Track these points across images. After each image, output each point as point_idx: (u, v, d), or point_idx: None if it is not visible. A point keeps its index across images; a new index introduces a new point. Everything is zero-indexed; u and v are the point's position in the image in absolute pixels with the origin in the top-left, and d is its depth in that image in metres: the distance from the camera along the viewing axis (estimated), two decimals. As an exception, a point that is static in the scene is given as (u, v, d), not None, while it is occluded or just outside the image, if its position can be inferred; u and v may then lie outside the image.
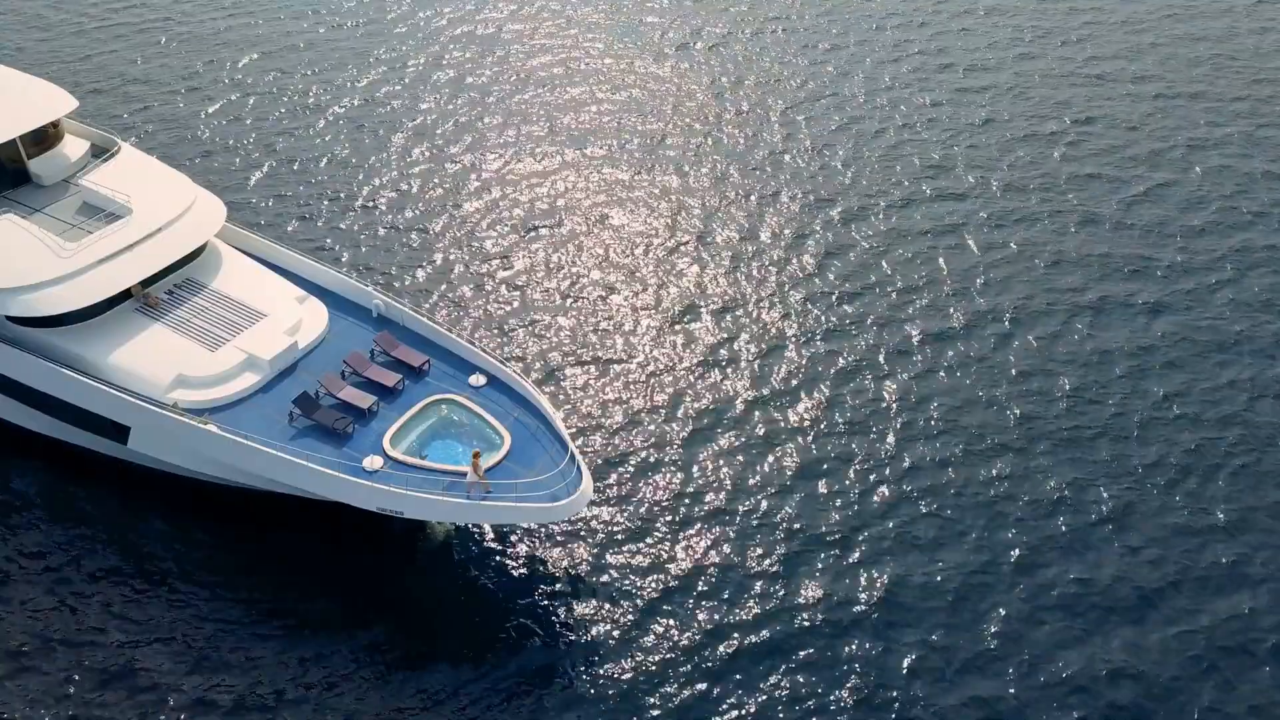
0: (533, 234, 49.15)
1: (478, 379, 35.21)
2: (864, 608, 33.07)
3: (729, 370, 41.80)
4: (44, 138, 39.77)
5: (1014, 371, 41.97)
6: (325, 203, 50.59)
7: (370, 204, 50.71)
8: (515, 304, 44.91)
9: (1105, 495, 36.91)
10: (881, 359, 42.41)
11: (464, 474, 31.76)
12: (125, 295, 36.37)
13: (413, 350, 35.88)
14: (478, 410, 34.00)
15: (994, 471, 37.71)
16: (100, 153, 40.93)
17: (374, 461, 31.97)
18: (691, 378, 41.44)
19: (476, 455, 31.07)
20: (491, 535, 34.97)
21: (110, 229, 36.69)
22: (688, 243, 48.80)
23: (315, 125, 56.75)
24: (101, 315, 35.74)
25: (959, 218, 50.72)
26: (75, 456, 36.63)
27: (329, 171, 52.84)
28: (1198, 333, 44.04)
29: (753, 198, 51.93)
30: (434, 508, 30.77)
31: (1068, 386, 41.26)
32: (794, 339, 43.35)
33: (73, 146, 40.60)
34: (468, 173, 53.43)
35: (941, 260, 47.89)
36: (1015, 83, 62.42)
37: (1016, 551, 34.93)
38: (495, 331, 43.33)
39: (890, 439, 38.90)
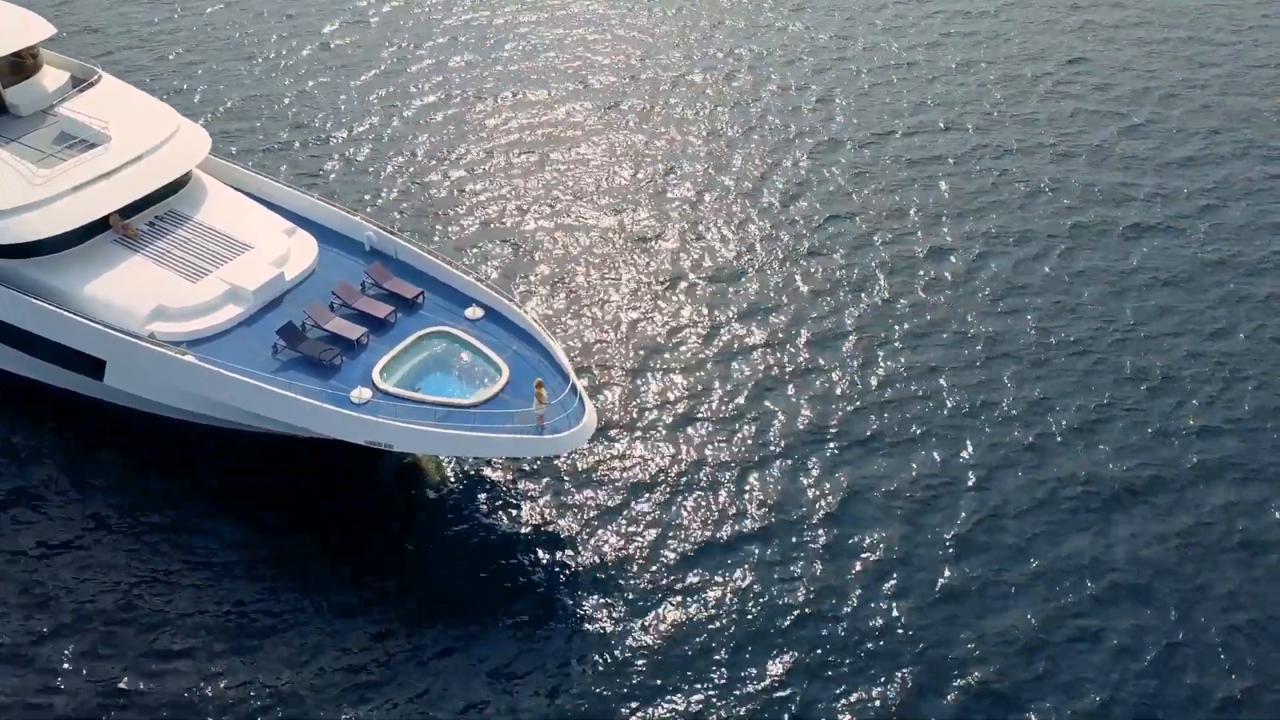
0: (529, 167, 47.55)
1: (474, 311, 33.17)
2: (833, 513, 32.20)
3: (729, 302, 40.45)
4: (21, 67, 37.84)
5: (987, 290, 41.26)
6: (316, 138, 48.60)
7: (362, 138, 48.81)
8: (513, 236, 43.19)
9: (1076, 405, 36.26)
10: (859, 282, 41.73)
11: (458, 406, 29.72)
12: (103, 227, 34.36)
13: (405, 282, 33.83)
14: (474, 342, 31.96)
15: (966, 382, 37.12)
16: (79, 83, 38.87)
17: (362, 394, 29.94)
18: (689, 306, 40.12)
19: (539, 385, 29.10)
20: (491, 473, 32.96)
21: (86, 156, 34.74)
22: (677, 175, 47.51)
23: (304, 60, 54.75)
24: (77, 246, 33.75)
25: (936, 151, 49.53)
26: (53, 402, 34.66)
27: (320, 106, 50.78)
28: (1175, 260, 43.12)
29: (735, 133, 50.63)
30: (426, 440, 28.77)
31: (1042, 305, 40.66)
32: (782, 263, 42.62)
33: (51, 77, 38.65)
34: (461, 107, 51.56)
35: (916, 191, 46.81)
36: (998, 29, 60.50)
37: (986, 455, 34.40)
38: (493, 263, 41.58)
39: (878, 354, 38.36)
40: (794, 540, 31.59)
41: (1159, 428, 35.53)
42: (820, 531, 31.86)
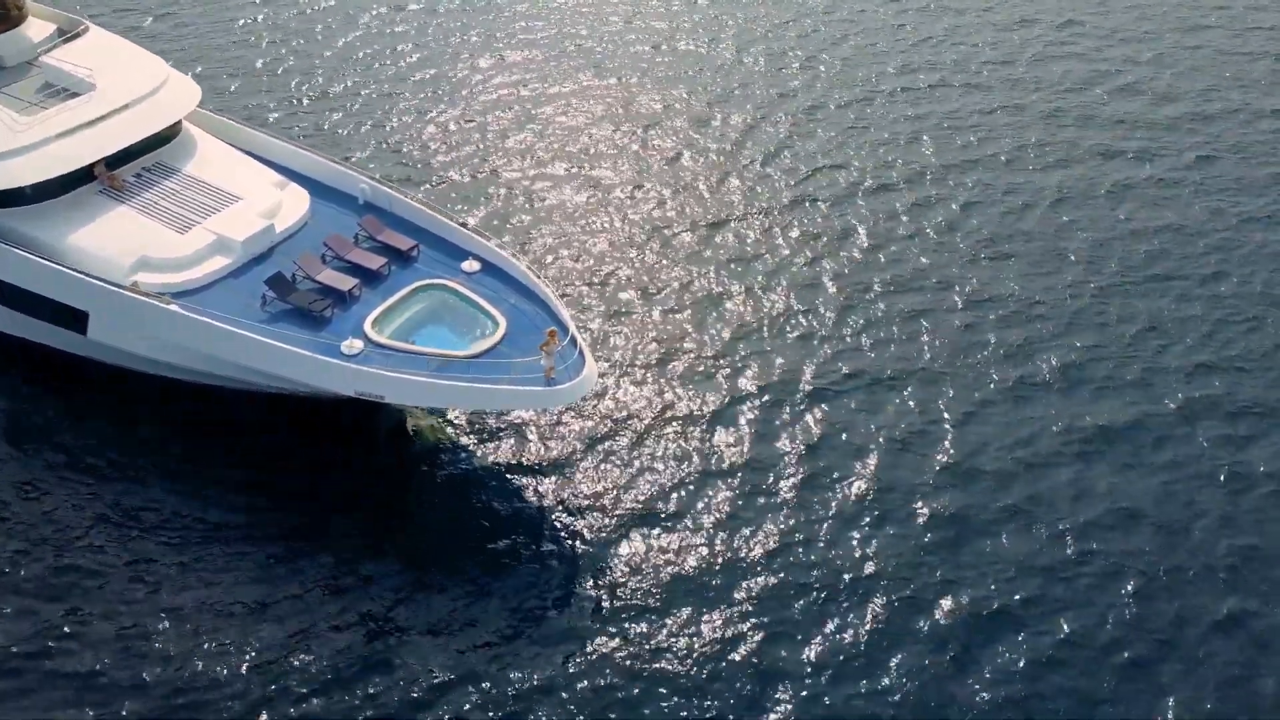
0: (520, 122, 46.70)
1: (471, 264, 32.05)
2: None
3: (715, 252, 40.05)
4: (5, 16, 36.64)
5: (972, 240, 41.16)
6: (308, 92, 47.44)
7: (355, 92, 47.76)
8: (505, 190, 42.31)
9: (1060, 347, 36.16)
10: (843, 233, 41.17)
11: (454, 358, 28.59)
12: (88, 177, 33.21)
13: (400, 234, 32.70)
14: (471, 295, 30.83)
15: (948, 327, 36.93)
16: (66, 34, 37.70)
17: (353, 345, 28.81)
18: (676, 256, 39.71)
19: (552, 333, 28.05)
20: (487, 432, 31.89)
21: (71, 104, 33.60)
22: (665, 130, 46.89)
23: (295, 15, 53.57)
24: (60, 196, 32.60)
25: (922, 109, 49.02)
26: (34, 359, 33.49)
27: (313, 61, 49.62)
28: (1164, 212, 43.05)
29: (722, 90, 50.02)
30: (420, 391, 27.68)
31: (1027, 254, 40.60)
32: (767, 215, 42.09)
33: (36, 28, 37.51)
34: (452, 62, 50.63)
35: (901, 148, 46.28)
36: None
37: (968, 397, 34.30)
38: (490, 216, 40.70)
39: (860, 301, 38.08)
40: (778, 479, 31.35)
41: (1144, 368, 35.49)
42: (802, 469, 31.68)
